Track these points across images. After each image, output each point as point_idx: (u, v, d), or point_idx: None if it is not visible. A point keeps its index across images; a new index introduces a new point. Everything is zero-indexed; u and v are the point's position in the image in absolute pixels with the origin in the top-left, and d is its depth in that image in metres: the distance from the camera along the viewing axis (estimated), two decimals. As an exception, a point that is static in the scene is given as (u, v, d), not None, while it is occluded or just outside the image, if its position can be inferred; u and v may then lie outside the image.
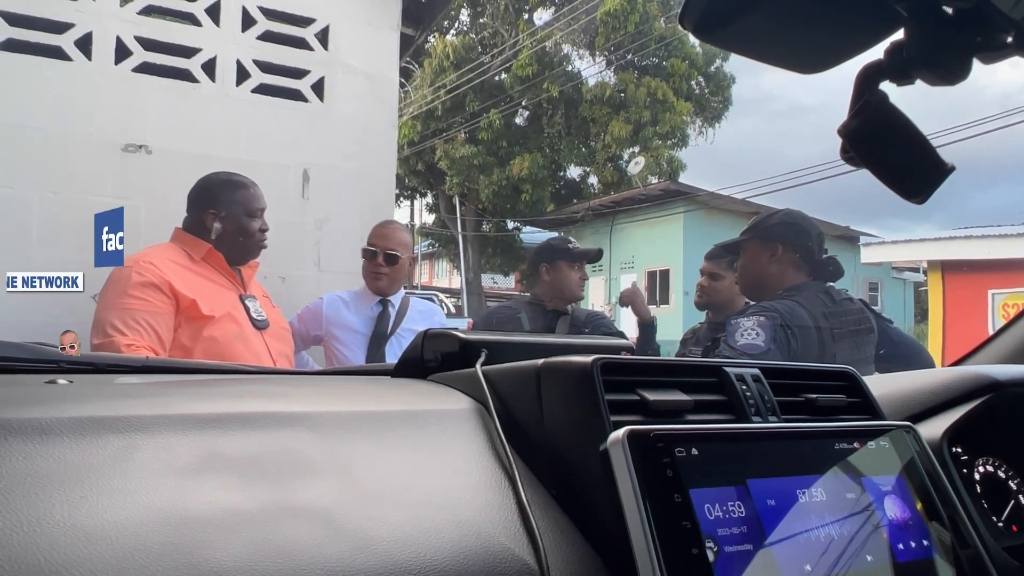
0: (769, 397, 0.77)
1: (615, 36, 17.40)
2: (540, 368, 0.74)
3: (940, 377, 1.01)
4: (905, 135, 0.59)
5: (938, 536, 0.73)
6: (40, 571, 0.46)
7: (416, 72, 19.18)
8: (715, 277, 2.67)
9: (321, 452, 0.64)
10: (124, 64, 2.73)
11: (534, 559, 0.59)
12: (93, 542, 0.48)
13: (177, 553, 0.49)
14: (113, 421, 0.61)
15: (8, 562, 0.46)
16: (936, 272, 11.40)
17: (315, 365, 2.49)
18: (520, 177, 17.81)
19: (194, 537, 0.51)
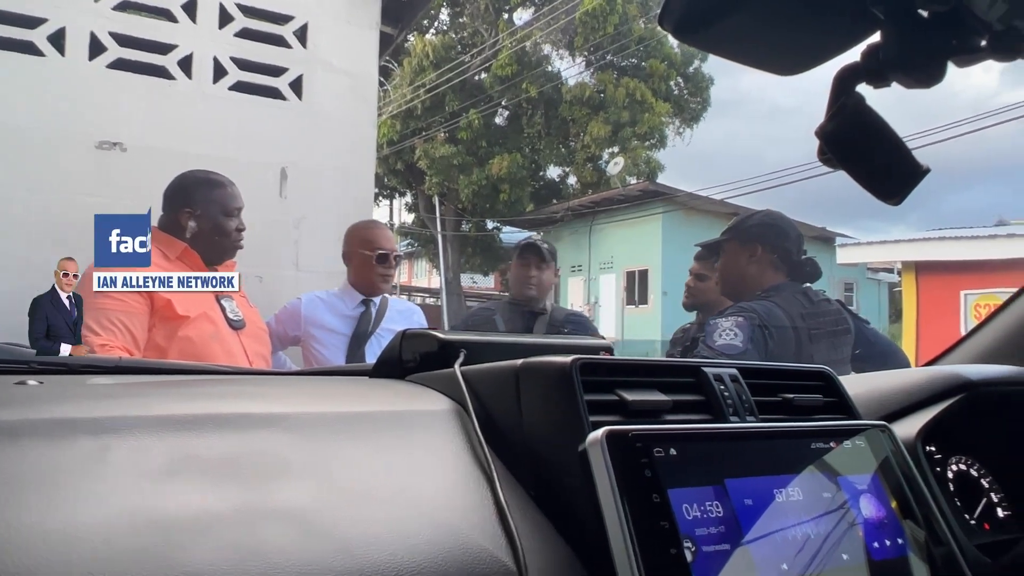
0: (747, 397, 0.78)
1: (594, 37, 17.44)
2: (519, 368, 0.74)
3: (915, 377, 1.02)
4: (881, 137, 0.59)
5: (912, 534, 0.74)
6: (9, 575, 0.45)
7: (396, 71, 19.10)
8: (702, 278, 2.68)
9: (298, 453, 0.64)
10: (98, 60, 2.70)
11: (512, 560, 0.59)
12: (65, 546, 0.48)
13: (151, 556, 0.49)
14: (85, 423, 0.60)
15: (-24, 567, 0.45)
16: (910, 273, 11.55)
17: (292, 366, 2.47)
18: (500, 177, 17.80)
19: (168, 540, 0.50)
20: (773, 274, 2.18)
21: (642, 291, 17.22)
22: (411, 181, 20.58)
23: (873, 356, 2.16)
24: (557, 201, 19.48)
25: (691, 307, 2.77)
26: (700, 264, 2.70)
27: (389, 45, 4.10)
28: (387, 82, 18.82)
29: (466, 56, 18.48)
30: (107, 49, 2.71)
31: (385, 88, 18.62)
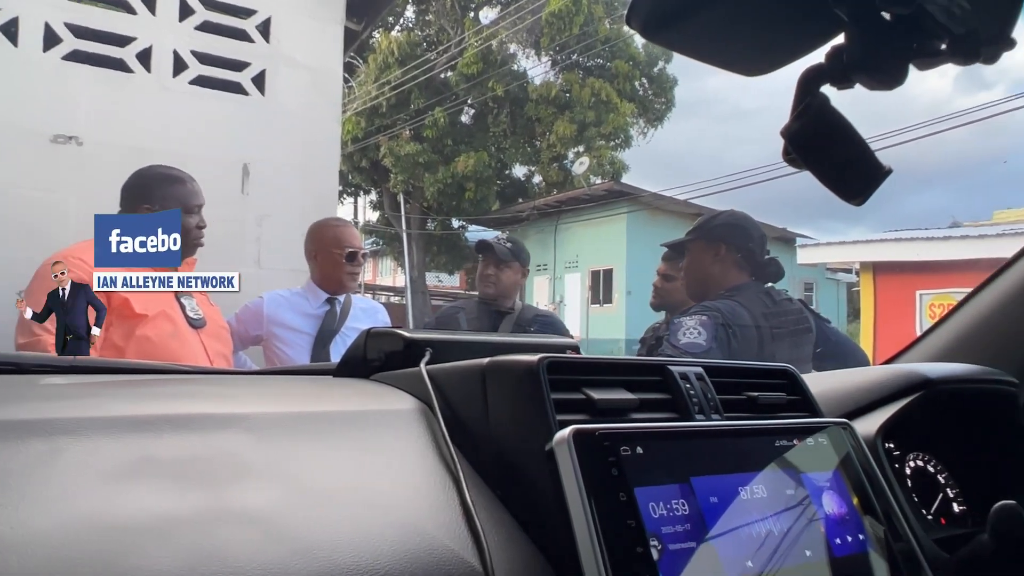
0: (712, 395, 0.78)
1: (560, 36, 17.49)
2: (485, 367, 0.73)
3: (875, 375, 1.04)
4: (845, 138, 0.60)
5: (873, 530, 0.75)
6: (-46, 584, 0.43)
7: (360, 68, 18.95)
8: (669, 278, 2.70)
9: (259, 454, 0.63)
10: (53, 52, 2.63)
11: (478, 560, 0.58)
12: (14, 552, 0.46)
13: (106, 562, 0.47)
14: (36, 424, 0.58)
15: (-82, 576, 0.43)
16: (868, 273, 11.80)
17: (253, 366, 2.44)
18: (465, 175, 17.76)
19: (124, 545, 0.49)
20: (737, 274, 2.21)
21: (607, 290, 17.33)
22: (376, 179, 20.44)
23: (834, 354, 2.19)
24: (523, 200, 19.50)
25: (658, 307, 2.79)
26: (667, 264, 2.72)
27: (354, 41, 4.06)
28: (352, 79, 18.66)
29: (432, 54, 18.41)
30: (62, 40, 2.64)
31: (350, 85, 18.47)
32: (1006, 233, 10.41)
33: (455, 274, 22.98)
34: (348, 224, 2.59)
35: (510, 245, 2.84)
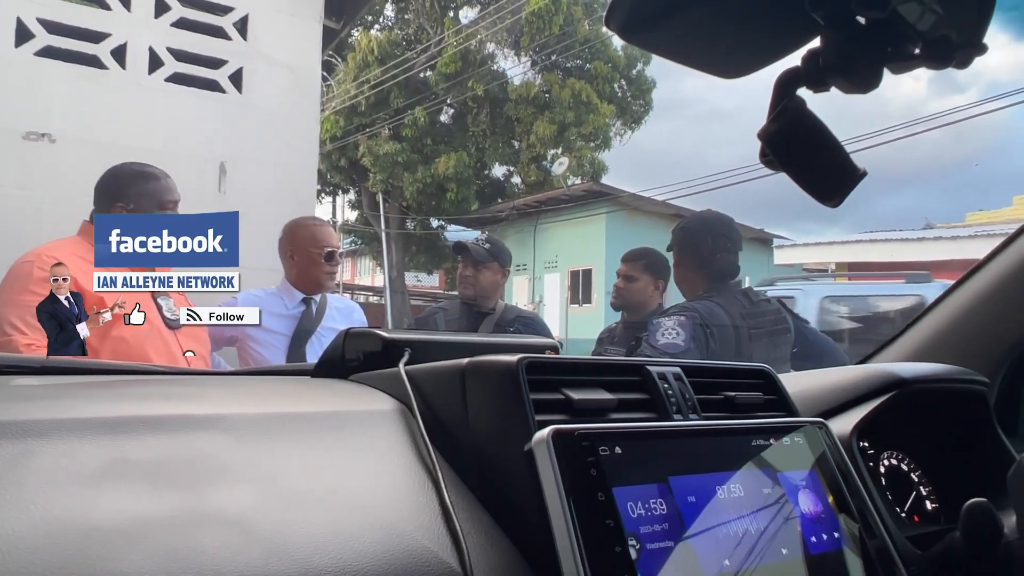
0: (690, 395, 0.79)
1: (540, 37, 17.51)
2: (464, 367, 0.73)
3: (850, 375, 1.05)
4: (821, 140, 0.61)
5: (848, 528, 0.76)
6: (-78, 590, 0.42)
7: (339, 66, 18.84)
8: (630, 279, 2.72)
9: (236, 456, 0.62)
10: (26, 47, 2.59)
11: (457, 561, 0.58)
12: (-15, 557, 0.45)
13: (80, 566, 0.47)
14: (7, 426, 0.57)
15: None
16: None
17: (227, 367, 2.41)
18: (445, 175, 17.72)
19: (98, 548, 0.48)
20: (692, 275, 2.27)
21: (586, 290, 17.38)
22: (355, 178, 20.33)
23: (812, 354, 2.22)
24: (502, 200, 19.50)
25: (619, 307, 2.81)
26: (627, 265, 2.74)
27: (332, 39, 4.04)
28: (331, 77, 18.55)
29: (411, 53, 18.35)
30: (35, 36, 2.61)
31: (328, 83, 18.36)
32: (978, 235, 10.59)
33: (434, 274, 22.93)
34: (325, 223, 2.57)
35: (488, 246, 2.83)
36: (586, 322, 16.50)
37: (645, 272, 2.67)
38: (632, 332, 2.58)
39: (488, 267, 2.78)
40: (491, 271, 2.79)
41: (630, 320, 2.74)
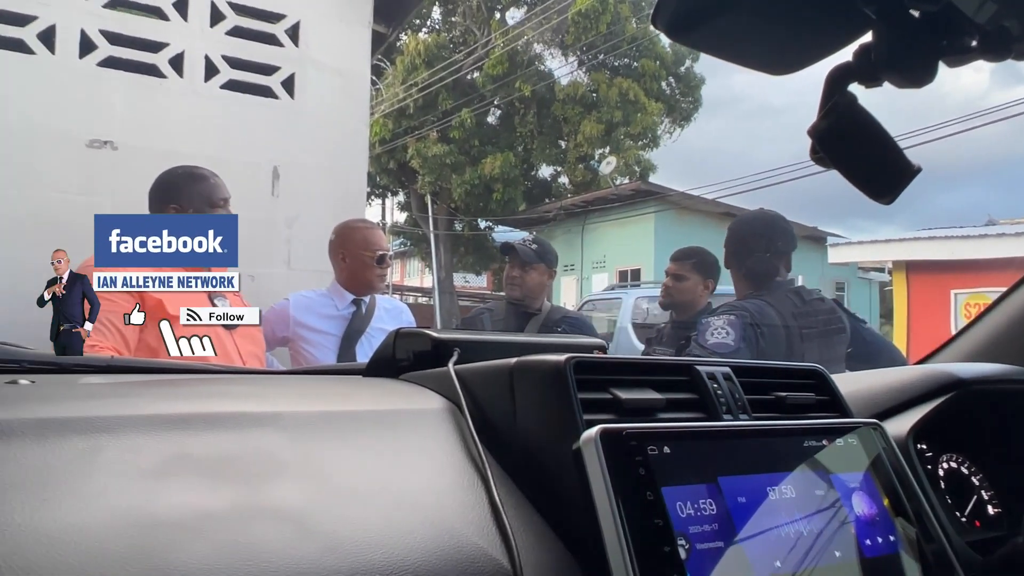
0: (740, 395, 0.78)
1: (587, 36, 17.44)
2: (513, 367, 0.74)
3: (906, 375, 1.03)
4: (873, 136, 0.60)
5: (904, 532, 0.74)
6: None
7: (388, 70, 19.05)
8: (679, 278, 2.69)
9: (291, 452, 0.64)
10: (89, 58, 2.68)
11: (507, 558, 0.59)
12: (56, 546, 0.47)
13: (143, 556, 0.48)
14: (77, 422, 0.60)
15: (-33, 567, 0.44)
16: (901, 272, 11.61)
17: (280, 367, 2.47)
18: (492, 176, 17.78)
19: (160, 540, 0.50)
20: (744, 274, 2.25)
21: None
22: (403, 180, 20.54)
23: (869, 355, 2.17)
24: (549, 200, 19.48)
25: (667, 307, 2.79)
26: (676, 264, 2.72)
27: (381, 44, 4.09)
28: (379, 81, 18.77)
29: (458, 55, 18.46)
30: (98, 47, 2.70)
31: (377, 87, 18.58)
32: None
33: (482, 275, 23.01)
34: (375, 226, 2.61)
35: (535, 247, 2.83)
36: (635, 322, 16.36)
37: (694, 271, 2.64)
38: (681, 332, 2.56)
39: (535, 268, 2.78)
40: (538, 272, 2.80)
41: (679, 320, 2.71)
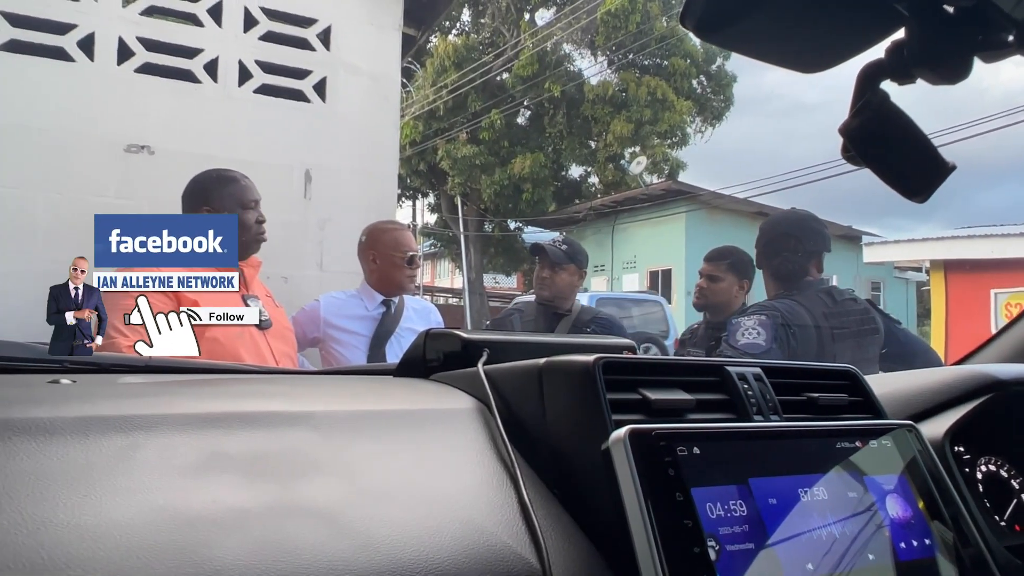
0: (771, 396, 0.77)
1: (616, 35, 17.38)
2: (542, 367, 0.74)
3: (942, 376, 1.01)
4: (906, 134, 0.59)
5: (940, 535, 0.73)
6: (43, 569, 0.46)
7: (418, 72, 19.17)
8: (713, 279, 2.67)
9: (324, 451, 0.65)
10: (126, 65, 2.74)
11: (536, 558, 0.59)
12: (96, 541, 0.49)
13: (180, 552, 0.50)
14: (116, 420, 0.61)
15: (12, 560, 0.46)
16: (939, 272, 11.39)
17: (311, 367, 2.49)
18: (522, 177, 17.79)
19: (197, 536, 0.51)
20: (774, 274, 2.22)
21: (665, 290, 17.12)
22: (433, 182, 20.64)
23: (904, 356, 2.13)
24: (579, 201, 19.44)
25: (701, 307, 2.76)
26: (710, 265, 2.69)
27: (411, 46, 4.12)
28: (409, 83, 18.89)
29: (488, 56, 18.50)
30: (135, 54, 2.75)
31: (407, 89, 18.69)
32: (1088, 229, 9.92)
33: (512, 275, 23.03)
34: (405, 227, 2.63)
35: (565, 247, 2.83)
36: (666, 323, 16.26)
37: (729, 272, 2.62)
38: (714, 333, 2.54)
39: (565, 268, 2.78)
40: (568, 272, 2.79)
41: (713, 321, 2.69)
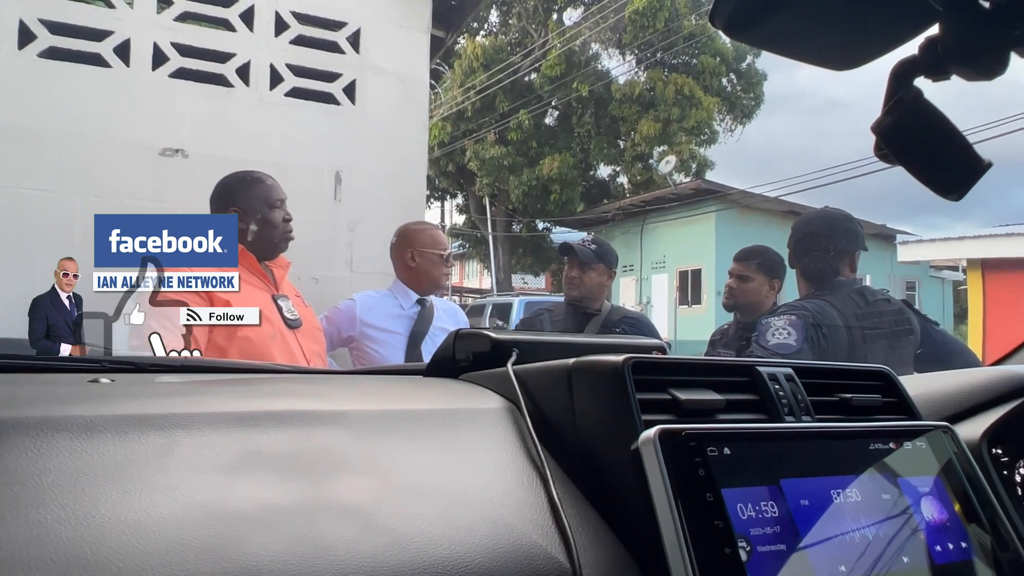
0: (802, 396, 0.77)
1: (644, 34, 17.29)
2: (571, 367, 0.74)
3: (979, 377, 0.99)
4: (940, 132, 0.58)
5: (977, 538, 0.72)
6: (86, 563, 0.47)
7: (446, 74, 19.26)
8: (744, 279, 2.64)
9: (356, 450, 0.65)
10: (161, 70, 2.80)
11: (566, 557, 0.59)
12: (137, 536, 0.50)
13: (217, 547, 0.51)
14: (154, 419, 0.62)
15: (56, 554, 0.47)
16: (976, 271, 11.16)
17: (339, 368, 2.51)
18: (550, 177, 17.79)
19: (233, 532, 0.52)
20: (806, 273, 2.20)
21: (695, 291, 17.00)
22: (462, 182, 20.72)
23: (940, 357, 2.09)
24: (608, 200, 19.38)
25: (731, 308, 2.73)
26: (740, 265, 2.66)
27: (440, 48, 4.14)
28: (438, 85, 18.98)
29: (516, 57, 18.52)
30: (169, 59, 2.81)
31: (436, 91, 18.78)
32: None
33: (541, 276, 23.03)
34: (438, 227, 2.66)
35: (594, 247, 2.82)
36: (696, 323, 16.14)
37: (759, 271, 2.59)
38: (745, 333, 2.51)
39: (594, 268, 2.77)
40: (597, 272, 2.79)
41: (743, 321, 2.67)
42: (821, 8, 0.57)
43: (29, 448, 0.56)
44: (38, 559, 0.47)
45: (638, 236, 18.06)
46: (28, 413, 0.59)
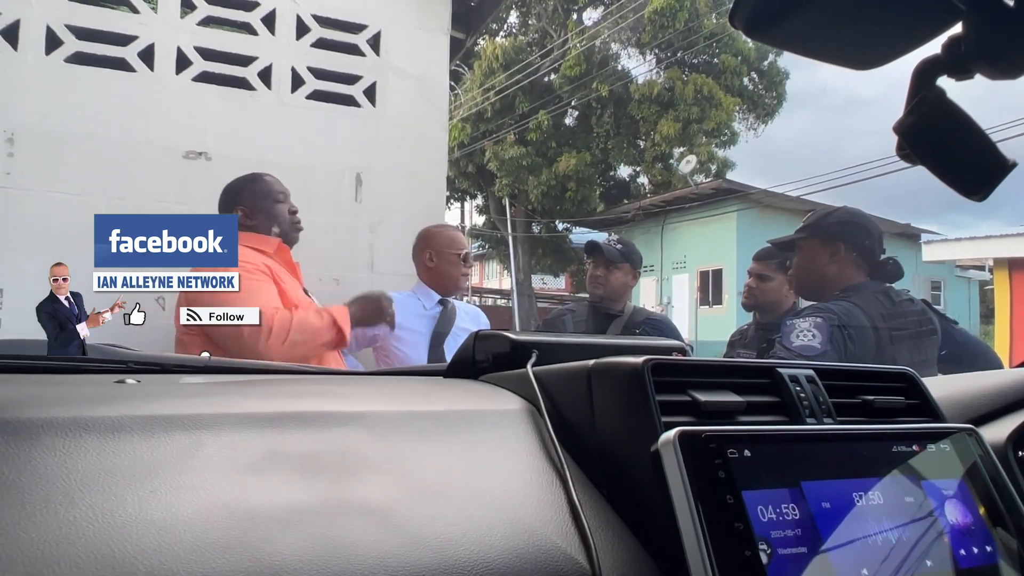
0: (824, 398, 0.76)
1: (663, 34, 17.22)
2: (591, 369, 0.74)
3: (1005, 379, 0.98)
4: (963, 131, 0.58)
5: (1003, 542, 0.71)
6: (113, 561, 0.48)
7: (466, 75, 19.30)
8: (763, 278, 2.62)
9: (377, 451, 0.66)
10: (185, 74, 2.82)
11: (586, 558, 0.59)
12: (162, 535, 0.51)
13: (241, 547, 0.51)
14: (180, 419, 0.63)
15: (85, 552, 0.48)
16: (1003, 270, 10.99)
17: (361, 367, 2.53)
18: (569, 177, 17.76)
19: (257, 532, 0.53)
20: (854, 273, 2.13)
21: (716, 291, 16.91)
22: (481, 183, 20.74)
23: (962, 358, 2.07)
24: (628, 201, 19.32)
25: (750, 307, 2.72)
26: (760, 264, 2.64)
27: (459, 49, 4.14)
28: (457, 86, 19.03)
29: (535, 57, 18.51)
30: (192, 63, 2.83)
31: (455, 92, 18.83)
32: None
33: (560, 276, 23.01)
34: (456, 228, 2.68)
35: (620, 246, 2.82)
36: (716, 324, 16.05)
37: (779, 271, 2.57)
38: (765, 334, 2.49)
39: (619, 268, 2.77)
40: (622, 272, 2.78)
41: (763, 321, 2.65)
42: (842, 8, 0.57)
43: (59, 448, 0.57)
44: (67, 557, 0.47)
45: (658, 236, 18.00)
46: (58, 414, 0.60)
